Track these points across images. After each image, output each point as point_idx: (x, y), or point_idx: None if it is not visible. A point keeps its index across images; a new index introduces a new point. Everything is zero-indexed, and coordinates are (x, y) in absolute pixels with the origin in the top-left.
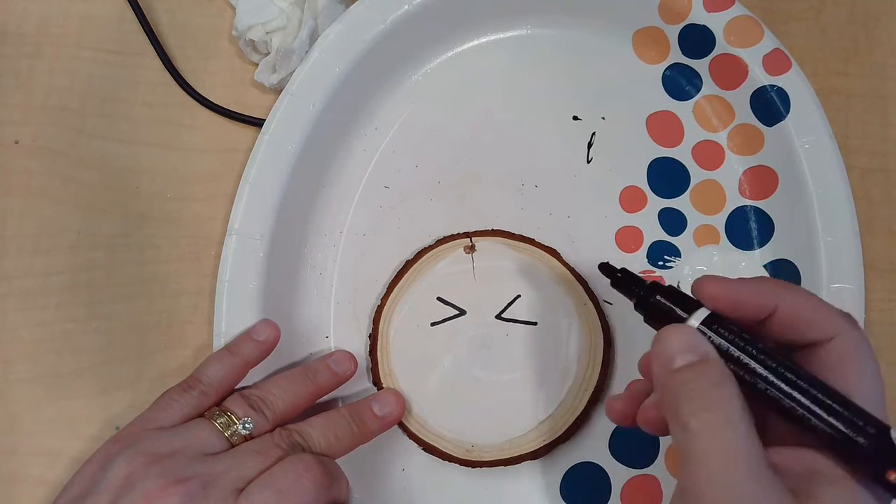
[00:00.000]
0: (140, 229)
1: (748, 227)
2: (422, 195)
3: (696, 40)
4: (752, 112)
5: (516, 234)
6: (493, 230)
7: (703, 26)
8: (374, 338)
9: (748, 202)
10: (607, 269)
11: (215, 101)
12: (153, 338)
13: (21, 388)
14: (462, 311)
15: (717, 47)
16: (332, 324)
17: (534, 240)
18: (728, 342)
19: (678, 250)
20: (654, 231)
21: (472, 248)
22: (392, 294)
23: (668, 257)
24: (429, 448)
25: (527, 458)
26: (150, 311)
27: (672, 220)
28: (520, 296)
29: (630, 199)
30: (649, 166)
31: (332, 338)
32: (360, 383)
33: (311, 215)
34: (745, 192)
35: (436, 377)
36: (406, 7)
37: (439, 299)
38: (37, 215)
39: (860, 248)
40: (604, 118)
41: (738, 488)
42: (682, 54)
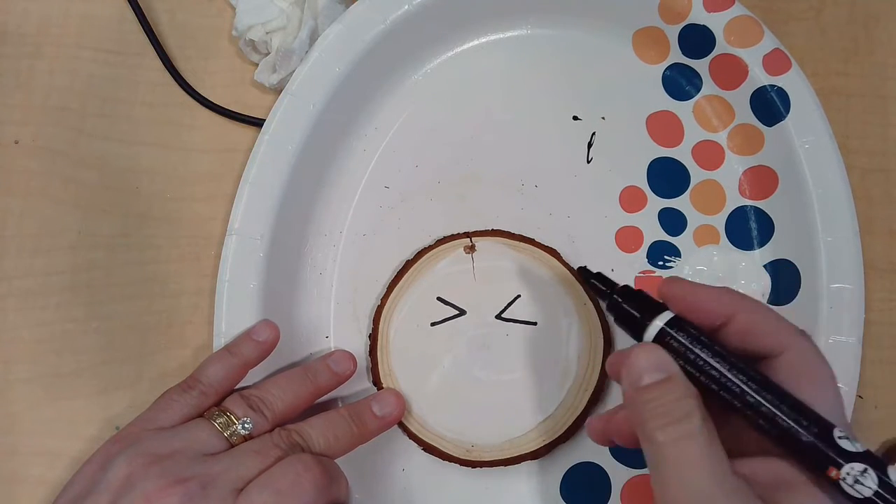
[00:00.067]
0: (140, 229)
1: (748, 227)
2: (422, 195)
3: (696, 40)
4: (752, 112)
5: (516, 234)
6: (493, 230)
7: (703, 26)
8: (374, 338)
9: (748, 202)
10: (584, 272)
11: (215, 101)
12: (153, 338)
13: (21, 388)
14: (462, 311)
15: (717, 47)
16: (332, 324)
17: (534, 240)
18: (686, 343)
19: (678, 250)
20: (654, 231)
21: (472, 248)
22: (392, 294)
23: (668, 257)
24: (429, 448)
25: (527, 458)
26: (150, 311)
27: (672, 220)
28: (520, 296)
29: (630, 199)
30: (649, 166)
31: (332, 338)
32: (360, 383)
33: (311, 215)
34: (745, 192)
35: (436, 377)
36: (406, 7)
37: (439, 299)
38: (37, 215)
39: (860, 248)
40: (604, 118)
41: (701, 493)
42: (682, 54)
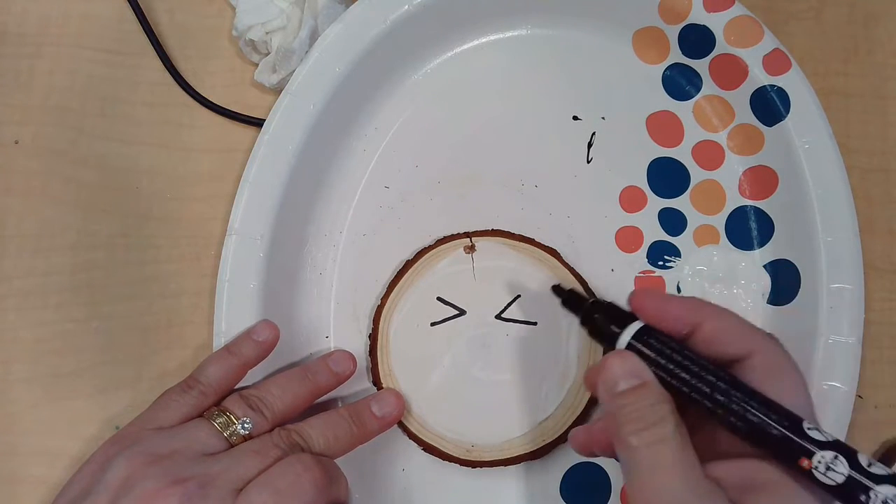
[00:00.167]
0: (140, 229)
1: (748, 227)
2: (422, 195)
3: (696, 40)
4: (752, 112)
5: (516, 234)
6: (493, 230)
7: (703, 26)
8: (374, 338)
9: (748, 202)
10: (558, 290)
11: (215, 101)
12: (153, 338)
13: (21, 388)
14: (462, 311)
15: (717, 47)
16: (332, 324)
17: (534, 240)
18: (657, 349)
19: (678, 250)
20: (654, 231)
21: (472, 248)
22: (392, 294)
23: (668, 257)
24: (429, 448)
25: (527, 458)
26: (150, 311)
27: (672, 220)
28: (520, 296)
29: (630, 199)
30: (649, 166)
31: (332, 338)
32: (360, 383)
33: (311, 215)
34: (745, 192)
35: (436, 377)
36: (406, 7)
37: (439, 299)
38: (37, 215)
39: (860, 248)
40: (604, 118)
41: (674, 497)
42: (682, 54)
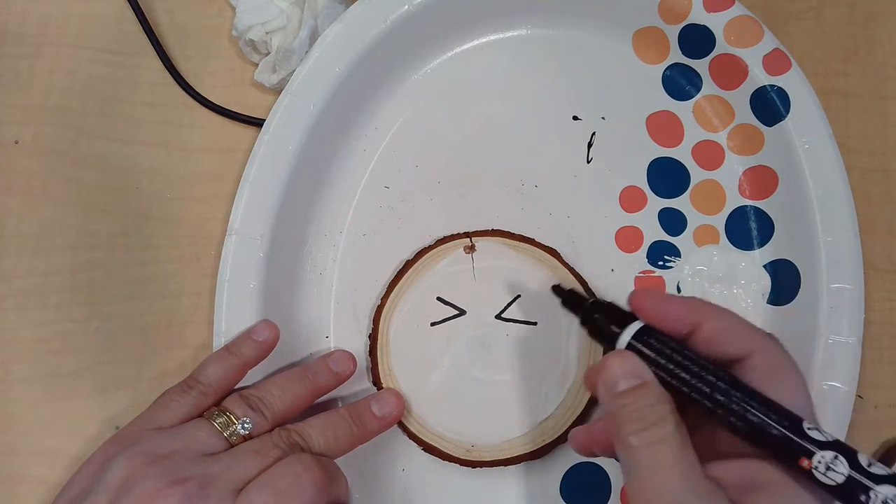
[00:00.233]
0: (140, 229)
1: (748, 227)
2: (422, 195)
3: (696, 40)
4: (752, 112)
5: (516, 234)
6: (493, 230)
7: (703, 26)
8: (374, 338)
9: (748, 202)
10: (558, 289)
11: (215, 101)
12: (153, 338)
13: (21, 388)
14: (462, 311)
15: (717, 47)
16: (332, 324)
17: (534, 240)
18: (657, 349)
19: (678, 250)
20: (654, 231)
21: (472, 248)
22: (392, 294)
23: (668, 257)
24: (429, 448)
25: (527, 458)
26: (150, 311)
27: (672, 220)
28: (520, 296)
29: (630, 199)
30: (649, 166)
31: (332, 338)
32: (360, 383)
33: (311, 215)
34: (745, 192)
35: (436, 377)
36: (406, 7)
37: (439, 299)
38: (37, 215)
39: (860, 248)
40: (604, 118)
41: (674, 497)
42: (682, 54)
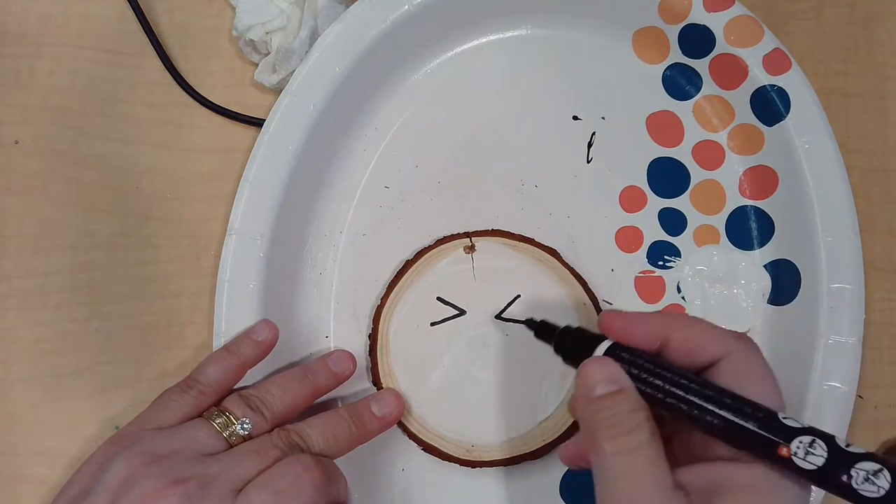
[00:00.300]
0: (140, 229)
1: (748, 227)
2: (422, 195)
3: (696, 40)
4: (753, 112)
5: (516, 234)
6: (492, 230)
7: (703, 26)
8: (373, 338)
9: (748, 202)
10: (530, 323)
11: (215, 101)
12: (153, 338)
13: (21, 388)
14: (462, 311)
15: (717, 47)
16: (332, 324)
17: (534, 240)
18: (629, 362)
19: (678, 250)
20: (654, 231)
21: (471, 248)
22: (392, 294)
23: (668, 257)
24: (429, 448)
25: (527, 458)
26: (150, 311)
27: (672, 220)
28: (520, 296)
29: (630, 199)
30: (649, 166)
31: (332, 338)
32: (360, 383)
33: (311, 215)
34: (745, 192)
35: (436, 377)
36: (406, 7)
37: (439, 299)
38: (37, 215)
39: (860, 248)
40: (604, 118)
41: None
42: (682, 54)
